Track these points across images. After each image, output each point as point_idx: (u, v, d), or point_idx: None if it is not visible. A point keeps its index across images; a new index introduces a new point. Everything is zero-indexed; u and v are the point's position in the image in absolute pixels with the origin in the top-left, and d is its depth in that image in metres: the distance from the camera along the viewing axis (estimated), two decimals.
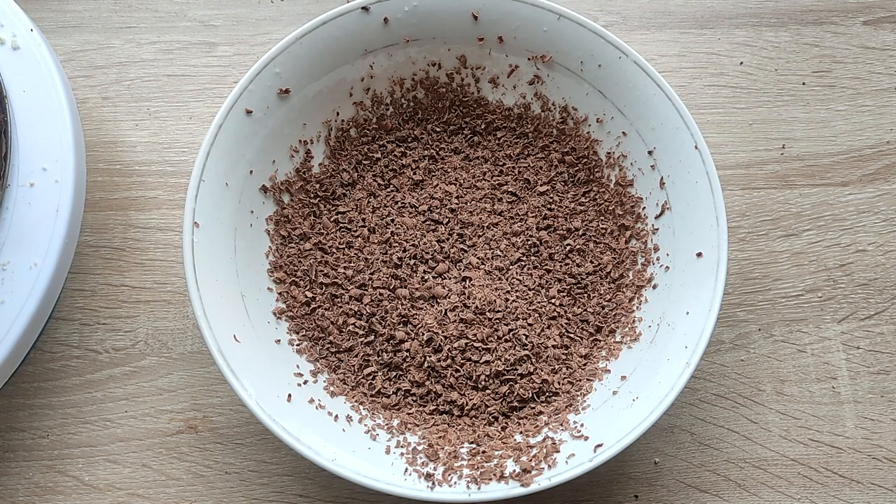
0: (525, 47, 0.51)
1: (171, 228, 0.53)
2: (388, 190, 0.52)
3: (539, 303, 0.49)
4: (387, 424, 0.46)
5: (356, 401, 0.47)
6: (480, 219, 0.51)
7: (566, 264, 0.50)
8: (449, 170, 0.52)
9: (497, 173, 0.52)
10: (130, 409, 0.50)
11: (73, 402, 0.50)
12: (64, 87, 0.49)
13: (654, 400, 0.43)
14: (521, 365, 0.48)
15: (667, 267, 0.47)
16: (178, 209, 0.54)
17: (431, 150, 0.53)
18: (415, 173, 0.52)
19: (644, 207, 0.49)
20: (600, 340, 0.49)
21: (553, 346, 0.49)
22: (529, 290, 0.49)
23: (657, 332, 0.46)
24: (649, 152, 0.49)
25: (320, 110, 0.51)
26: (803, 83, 0.57)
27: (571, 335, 0.49)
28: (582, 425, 0.45)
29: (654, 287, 0.48)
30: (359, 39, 0.50)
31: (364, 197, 0.51)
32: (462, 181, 0.52)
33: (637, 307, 0.48)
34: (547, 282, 0.50)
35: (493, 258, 0.50)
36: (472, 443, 0.45)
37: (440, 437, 0.45)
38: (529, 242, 0.50)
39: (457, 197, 0.51)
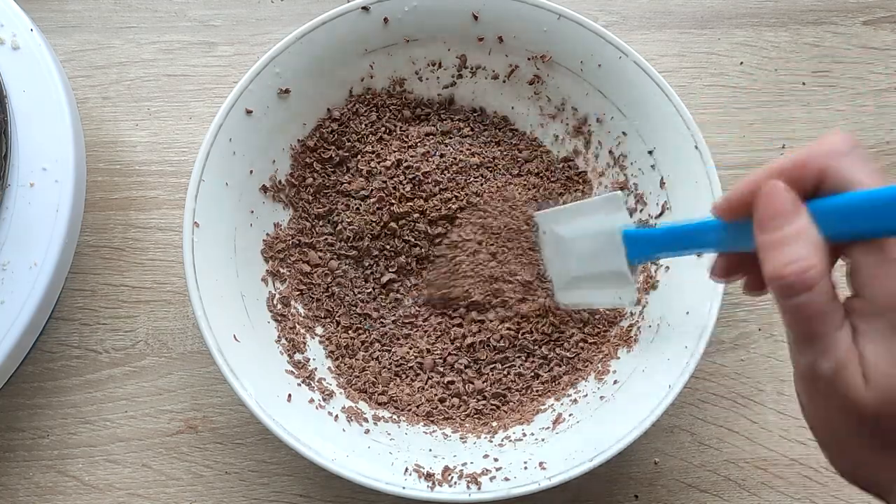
0: (525, 47, 0.51)
1: (171, 228, 0.53)
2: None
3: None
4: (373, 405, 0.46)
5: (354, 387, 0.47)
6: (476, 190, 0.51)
7: None
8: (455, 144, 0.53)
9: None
10: (130, 409, 0.50)
11: (73, 402, 0.50)
12: (64, 87, 0.49)
13: (654, 400, 0.43)
14: (518, 364, 0.48)
15: (667, 267, 0.48)
16: (178, 209, 0.54)
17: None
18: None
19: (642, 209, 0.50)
20: (601, 340, 0.49)
21: (552, 346, 0.49)
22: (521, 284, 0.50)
23: (657, 332, 0.46)
24: (649, 152, 0.49)
25: (320, 110, 0.51)
26: (803, 83, 0.57)
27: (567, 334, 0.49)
28: (579, 422, 0.45)
29: (655, 287, 0.48)
30: (359, 39, 0.50)
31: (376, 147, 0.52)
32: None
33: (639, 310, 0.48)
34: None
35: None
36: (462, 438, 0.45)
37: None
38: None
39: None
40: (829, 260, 0.28)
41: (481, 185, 0.50)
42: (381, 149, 0.51)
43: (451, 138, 0.52)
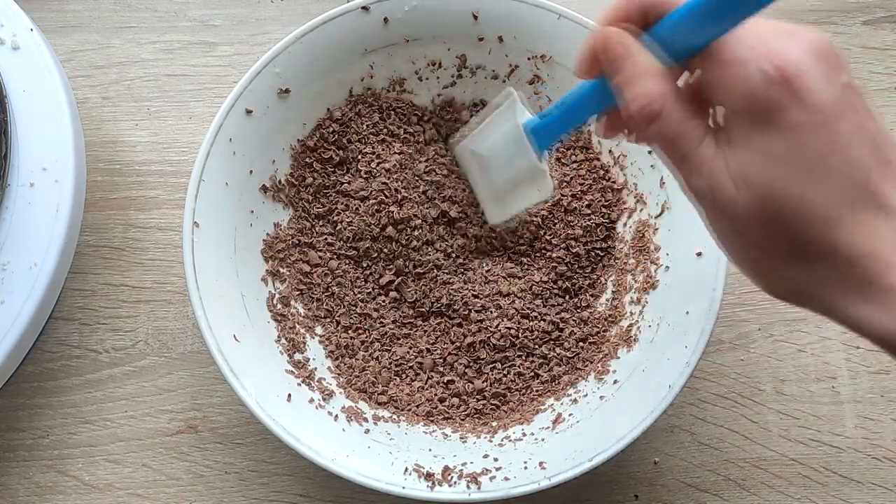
0: (525, 47, 0.51)
1: (171, 228, 0.53)
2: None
3: (533, 296, 0.49)
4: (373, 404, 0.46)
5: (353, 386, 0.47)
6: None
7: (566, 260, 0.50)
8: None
9: None
10: (130, 409, 0.50)
11: (73, 402, 0.50)
12: (64, 87, 0.49)
13: (654, 400, 0.43)
14: (517, 360, 0.48)
15: (667, 267, 0.47)
16: (178, 209, 0.54)
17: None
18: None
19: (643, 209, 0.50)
20: (601, 340, 0.49)
21: (552, 344, 0.49)
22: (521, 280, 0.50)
23: (657, 332, 0.46)
24: (649, 152, 0.49)
25: (320, 110, 0.51)
26: None
27: (567, 332, 0.49)
28: (579, 422, 0.45)
29: (655, 287, 0.48)
30: (359, 39, 0.50)
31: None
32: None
33: (638, 310, 0.48)
34: (541, 271, 0.50)
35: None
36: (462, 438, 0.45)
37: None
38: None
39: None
40: (674, 84, 0.29)
41: None
42: (382, 150, 0.51)
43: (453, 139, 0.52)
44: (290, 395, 0.45)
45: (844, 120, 0.26)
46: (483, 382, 0.48)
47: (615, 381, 0.46)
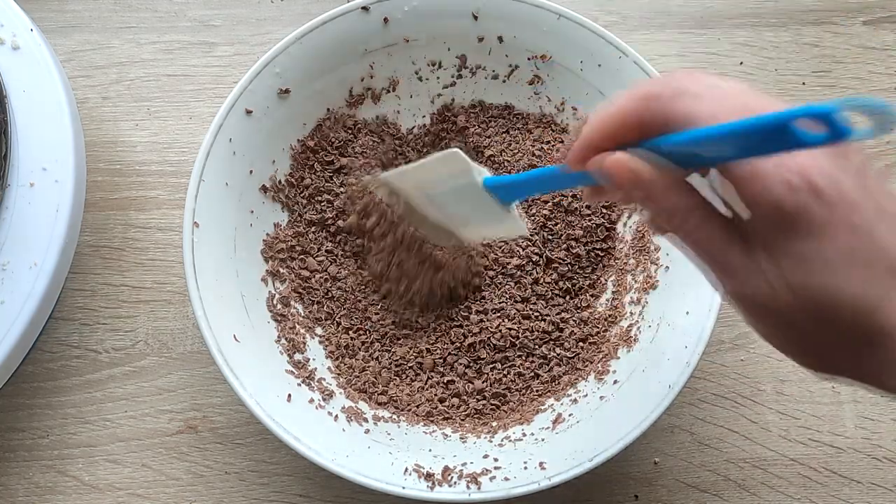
0: (525, 47, 0.51)
1: (171, 228, 0.53)
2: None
3: (535, 296, 0.49)
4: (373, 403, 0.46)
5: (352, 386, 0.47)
6: None
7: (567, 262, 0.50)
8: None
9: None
10: (130, 409, 0.50)
11: (73, 402, 0.50)
12: (64, 87, 0.49)
13: (654, 400, 0.43)
14: (518, 361, 0.48)
15: (667, 267, 0.47)
16: (178, 209, 0.54)
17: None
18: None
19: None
20: (601, 340, 0.49)
21: (552, 344, 0.49)
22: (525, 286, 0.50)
23: (657, 332, 0.46)
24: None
25: (320, 110, 0.51)
26: (803, 83, 0.57)
27: (568, 333, 0.49)
28: (579, 422, 0.45)
29: (655, 287, 0.48)
30: (359, 39, 0.50)
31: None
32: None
33: (638, 309, 0.48)
34: (543, 273, 0.50)
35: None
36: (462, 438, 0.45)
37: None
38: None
39: None
40: (696, 194, 0.29)
41: None
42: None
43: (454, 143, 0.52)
44: (290, 395, 0.45)
45: (863, 207, 0.27)
46: (483, 382, 0.48)
47: (615, 382, 0.46)
